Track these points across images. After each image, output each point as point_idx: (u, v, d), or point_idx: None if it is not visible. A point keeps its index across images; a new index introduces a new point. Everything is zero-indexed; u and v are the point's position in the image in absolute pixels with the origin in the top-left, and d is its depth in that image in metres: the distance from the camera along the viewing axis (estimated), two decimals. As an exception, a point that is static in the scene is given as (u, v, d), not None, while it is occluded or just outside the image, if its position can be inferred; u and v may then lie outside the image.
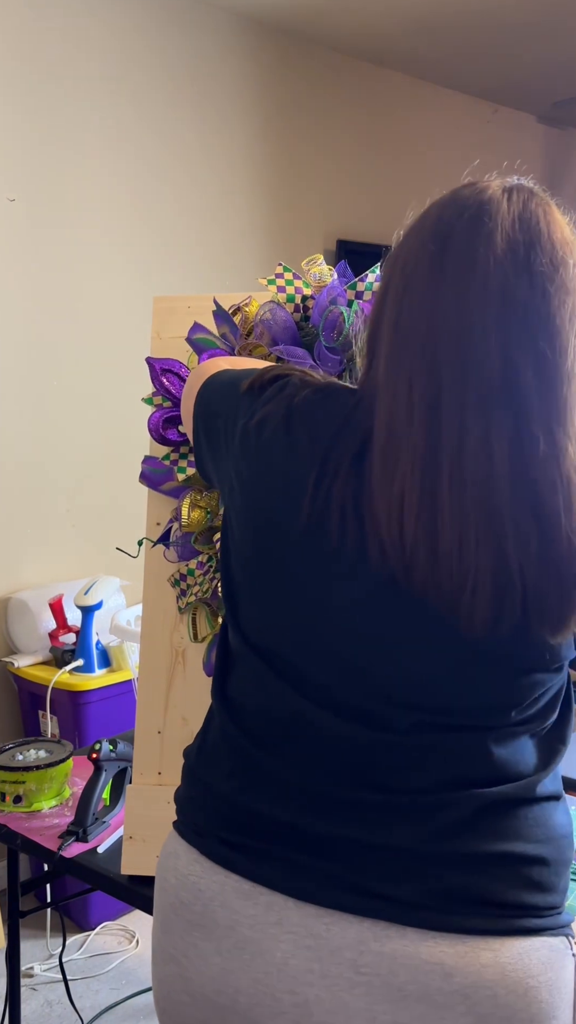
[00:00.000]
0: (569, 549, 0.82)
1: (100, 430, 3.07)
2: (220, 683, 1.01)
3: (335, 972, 0.87)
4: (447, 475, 0.82)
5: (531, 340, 0.82)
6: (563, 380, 0.82)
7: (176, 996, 0.95)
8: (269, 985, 0.89)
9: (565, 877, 0.93)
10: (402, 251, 0.90)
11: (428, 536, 0.83)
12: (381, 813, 0.89)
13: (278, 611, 0.94)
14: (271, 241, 3.54)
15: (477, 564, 0.82)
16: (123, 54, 3.05)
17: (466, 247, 0.85)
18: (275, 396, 0.95)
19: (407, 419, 0.84)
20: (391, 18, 3.40)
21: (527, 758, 0.92)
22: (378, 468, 0.85)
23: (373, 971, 0.86)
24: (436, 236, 0.87)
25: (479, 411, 0.82)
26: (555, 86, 4.23)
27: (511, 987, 0.85)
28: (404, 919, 0.86)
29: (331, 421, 0.90)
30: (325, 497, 0.87)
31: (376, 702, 0.90)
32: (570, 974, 0.90)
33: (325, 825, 0.90)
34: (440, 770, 0.89)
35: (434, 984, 0.85)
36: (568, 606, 0.83)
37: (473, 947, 0.85)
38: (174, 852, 0.98)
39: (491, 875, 0.88)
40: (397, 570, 0.84)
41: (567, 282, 0.84)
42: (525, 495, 0.81)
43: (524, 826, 0.89)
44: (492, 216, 0.85)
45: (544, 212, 0.87)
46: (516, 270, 0.83)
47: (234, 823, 0.94)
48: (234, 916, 0.91)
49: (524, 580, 0.82)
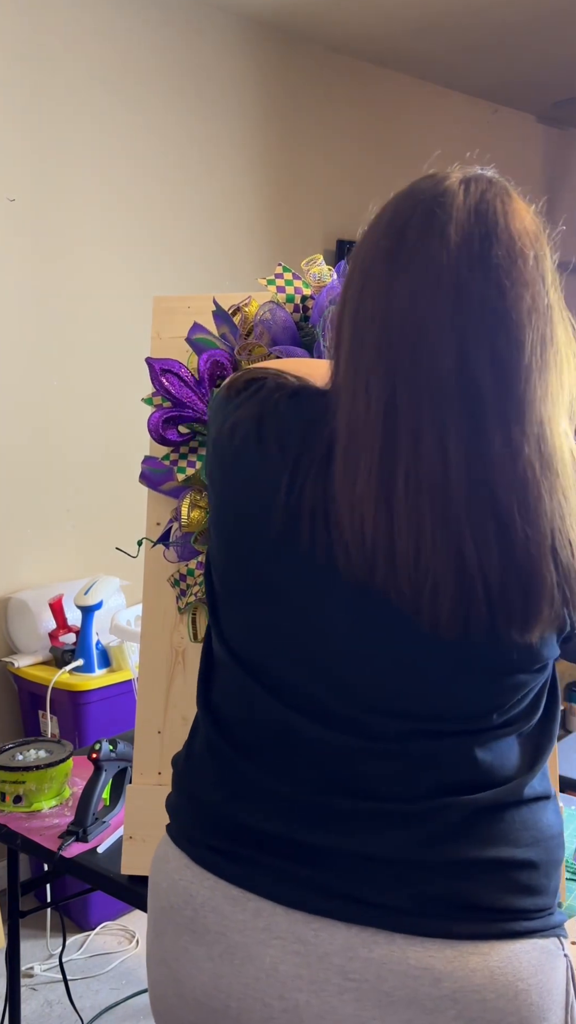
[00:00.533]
0: (527, 549, 0.80)
1: (100, 430, 3.07)
2: (204, 691, 1.00)
3: (323, 978, 0.87)
4: (402, 477, 0.81)
5: (487, 336, 0.80)
6: (521, 376, 0.80)
7: (169, 999, 0.95)
8: (259, 990, 0.89)
9: (556, 877, 0.92)
10: (361, 247, 0.88)
11: (386, 539, 0.81)
12: (367, 821, 0.88)
13: (257, 620, 0.93)
14: (271, 241, 3.55)
15: (435, 566, 0.81)
16: (123, 55, 3.05)
17: (419, 242, 0.83)
18: (247, 400, 0.93)
19: (364, 420, 0.83)
20: (391, 18, 3.40)
21: (512, 760, 0.91)
22: (340, 471, 0.84)
23: (361, 977, 0.86)
24: (390, 231, 0.85)
25: (434, 411, 0.80)
26: (555, 86, 4.23)
27: (500, 991, 0.84)
28: (392, 925, 0.86)
29: (301, 426, 0.88)
30: (296, 503, 0.86)
31: (358, 710, 0.89)
32: (561, 976, 0.89)
33: (311, 834, 0.89)
34: (425, 777, 0.88)
35: (423, 989, 0.85)
36: (533, 606, 0.82)
37: (462, 952, 0.85)
38: (165, 856, 0.98)
39: (480, 881, 0.87)
40: (361, 575, 0.83)
41: (525, 274, 0.82)
42: (482, 496, 0.80)
43: (512, 830, 0.89)
44: (446, 208, 0.83)
45: (502, 202, 0.84)
46: (470, 264, 0.81)
47: (222, 831, 0.94)
48: (224, 921, 0.91)
49: (487, 581, 0.81)
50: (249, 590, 0.92)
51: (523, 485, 0.80)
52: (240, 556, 0.92)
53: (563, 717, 3.96)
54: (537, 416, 0.81)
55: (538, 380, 0.81)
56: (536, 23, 3.48)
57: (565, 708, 3.97)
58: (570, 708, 3.96)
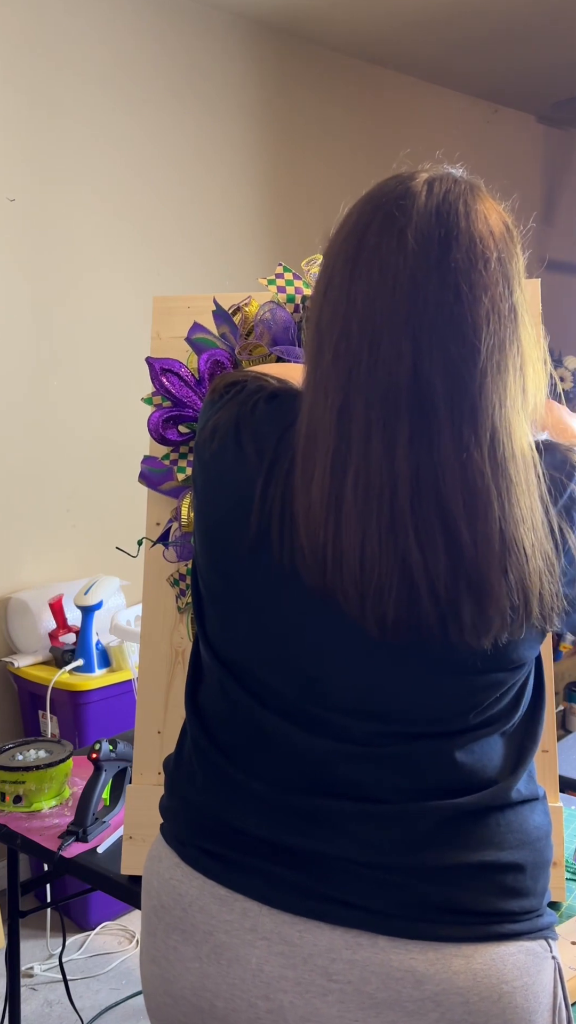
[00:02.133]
0: (475, 555, 0.79)
1: (100, 430, 3.07)
2: (191, 695, 1.01)
3: (308, 979, 0.87)
4: (352, 480, 0.81)
5: (441, 340, 0.79)
6: (475, 380, 0.79)
7: (159, 997, 0.96)
8: (245, 991, 0.89)
9: (544, 879, 0.92)
10: (328, 249, 0.88)
11: (334, 542, 0.81)
12: (349, 825, 0.88)
13: (237, 623, 0.93)
14: (271, 241, 3.55)
15: (380, 569, 0.80)
16: (122, 55, 3.05)
17: (378, 246, 0.82)
18: (226, 404, 0.93)
19: (321, 424, 0.83)
20: (391, 18, 3.40)
21: (494, 761, 0.90)
22: (299, 474, 0.84)
23: (344, 979, 0.86)
24: (352, 235, 0.85)
25: (386, 415, 0.80)
26: (555, 86, 4.24)
27: (484, 993, 0.84)
28: (376, 927, 0.86)
29: (278, 429, 0.88)
30: (268, 508, 0.86)
31: (334, 712, 0.89)
32: (548, 978, 0.89)
33: (293, 837, 0.89)
34: (404, 780, 0.88)
35: (405, 991, 0.85)
36: (483, 614, 0.81)
37: (445, 954, 0.85)
38: (158, 856, 0.99)
39: (464, 884, 0.87)
40: (315, 578, 0.83)
41: (485, 277, 0.81)
42: (429, 499, 0.79)
43: (496, 833, 0.88)
44: (407, 211, 0.82)
45: (466, 203, 0.83)
46: (427, 268, 0.80)
47: (211, 833, 0.94)
48: (211, 921, 0.91)
49: (433, 586, 0.80)
50: (229, 593, 0.93)
51: (472, 489, 0.79)
52: (219, 559, 0.92)
53: (563, 717, 3.95)
54: (490, 420, 0.80)
55: (493, 384, 0.80)
56: (536, 23, 3.48)
57: (565, 708, 3.96)
58: (570, 708, 3.96)
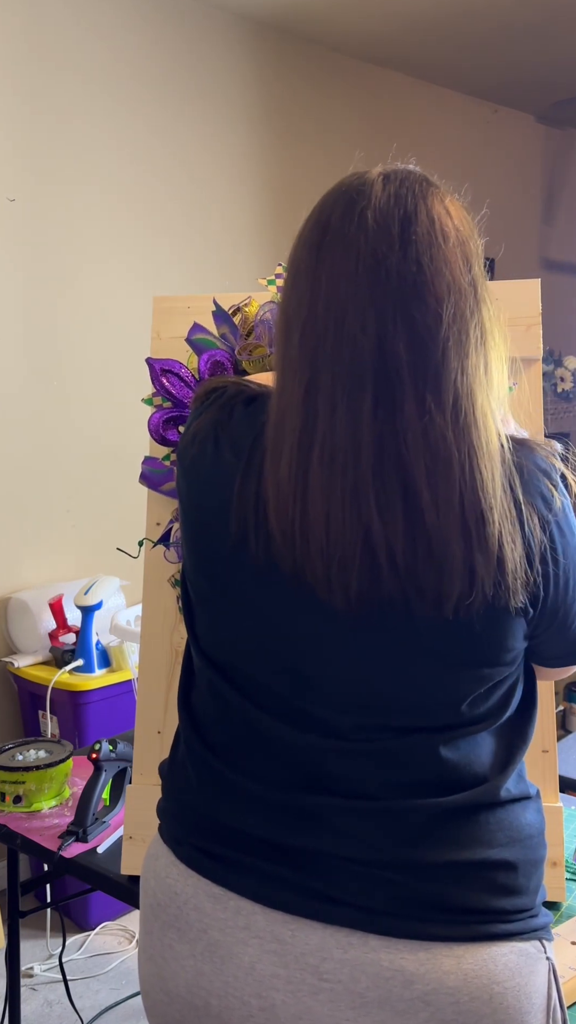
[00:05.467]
0: (435, 517, 0.80)
1: (100, 430, 3.07)
2: (184, 696, 1.01)
3: (299, 978, 0.87)
4: (317, 451, 0.82)
5: (404, 309, 0.81)
6: (438, 348, 0.81)
7: (156, 995, 0.96)
8: (238, 988, 0.89)
9: (536, 877, 0.92)
10: (294, 244, 0.90)
11: (301, 515, 0.82)
12: (337, 821, 0.88)
13: (225, 623, 0.94)
14: (271, 241, 3.54)
15: (343, 538, 0.81)
16: (123, 55, 3.05)
17: (340, 229, 0.84)
18: (207, 408, 0.94)
19: (289, 403, 0.84)
20: (391, 18, 3.40)
21: (483, 759, 0.90)
22: (268, 458, 0.85)
23: (335, 977, 0.86)
24: (316, 225, 0.87)
25: (351, 385, 0.81)
26: (555, 86, 4.23)
27: (474, 993, 0.84)
28: (367, 926, 0.86)
29: (252, 431, 0.89)
30: (245, 504, 0.87)
31: (323, 708, 0.89)
32: (542, 979, 0.88)
33: (285, 834, 0.90)
34: (393, 776, 0.88)
35: (395, 991, 0.85)
36: (445, 578, 0.81)
37: (435, 954, 0.85)
38: (155, 855, 0.99)
39: (454, 882, 0.87)
40: (285, 558, 0.84)
41: (445, 251, 0.83)
42: (391, 466, 0.81)
43: (487, 831, 0.88)
44: (366, 195, 0.85)
45: (421, 188, 0.86)
46: (388, 242, 0.82)
47: (206, 831, 0.94)
48: (205, 919, 0.92)
49: (392, 553, 0.81)
50: (214, 595, 0.93)
51: (434, 453, 0.80)
52: (204, 562, 0.93)
53: (563, 717, 3.95)
54: (453, 387, 0.81)
55: (455, 353, 0.82)
56: (536, 23, 3.48)
57: (565, 708, 3.96)
58: (570, 708, 3.96)
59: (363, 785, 0.89)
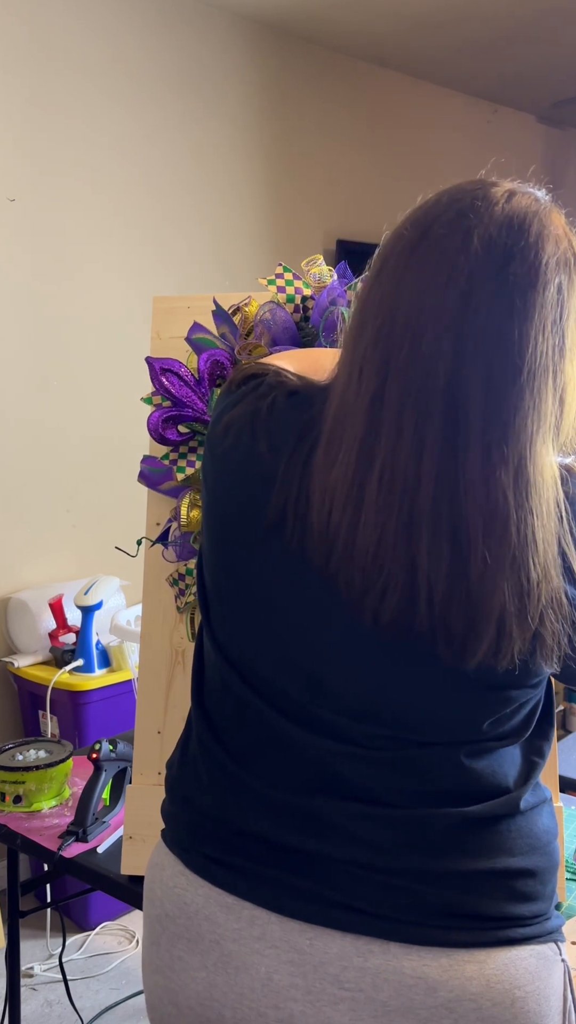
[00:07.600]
0: (481, 576, 0.77)
1: (100, 430, 3.07)
2: (197, 691, 0.99)
3: (319, 988, 0.86)
4: (378, 471, 0.79)
5: (484, 351, 0.77)
6: (513, 398, 0.77)
7: (164, 1007, 0.95)
8: (254, 1000, 0.88)
9: (552, 882, 0.91)
10: (391, 232, 0.86)
11: (350, 528, 0.80)
12: (356, 828, 0.87)
13: (245, 621, 0.92)
14: (271, 241, 3.55)
15: (390, 566, 0.79)
16: (122, 55, 3.05)
17: (441, 239, 0.80)
18: (244, 398, 0.91)
19: (352, 407, 0.81)
20: (391, 18, 3.40)
21: (507, 770, 0.89)
22: (321, 454, 0.83)
23: (356, 986, 0.85)
24: (417, 224, 0.83)
25: (418, 414, 0.78)
26: (555, 86, 4.23)
27: (496, 999, 0.83)
28: (387, 934, 0.85)
29: (297, 427, 0.86)
30: (283, 503, 0.84)
31: (340, 715, 0.87)
32: (559, 981, 0.88)
33: (301, 840, 0.88)
34: (412, 784, 0.87)
35: (417, 999, 0.84)
36: (471, 636, 0.79)
37: (457, 960, 0.84)
38: (160, 864, 0.97)
39: (476, 891, 0.86)
40: (318, 558, 0.82)
41: (542, 299, 0.78)
42: (447, 509, 0.78)
43: (508, 840, 0.88)
44: (479, 213, 0.80)
45: (540, 221, 0.80)
46: (487, 274, 0.78)
47: (216, 839, 0.93)
48: (218, 930, 0.90)
49: (432, 594, 0.78)
50: (236, 589, 0.91)
51: (492, 510, 0.77)
52: (228, 555, 0.91)
53: (563, 717, 3.96)
54: (521, 445, 0.78)
55: (530, 409, 0.78)
56: (536, 23, 3.48)
57: (565, 708, 3.96)
58: (570, 708, 3.96)
59: (382, 792, 0.87)
